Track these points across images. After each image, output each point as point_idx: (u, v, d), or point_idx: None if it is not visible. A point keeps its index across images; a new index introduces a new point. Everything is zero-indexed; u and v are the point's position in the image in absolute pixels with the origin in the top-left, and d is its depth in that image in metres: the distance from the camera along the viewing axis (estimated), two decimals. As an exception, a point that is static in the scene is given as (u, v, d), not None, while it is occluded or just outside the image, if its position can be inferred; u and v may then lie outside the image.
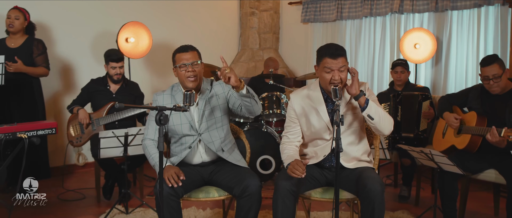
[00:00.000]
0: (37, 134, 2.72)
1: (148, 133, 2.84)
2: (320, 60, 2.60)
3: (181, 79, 2.78)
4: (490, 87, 3.17)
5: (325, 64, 2.55)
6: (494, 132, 2.92)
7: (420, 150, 3.04)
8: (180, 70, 2.74)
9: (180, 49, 2.80)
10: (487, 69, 3.13)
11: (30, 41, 4.19)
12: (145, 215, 3.58)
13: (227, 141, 2.89)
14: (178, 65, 2.74)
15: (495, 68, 3.10)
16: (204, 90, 2.83)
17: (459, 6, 4.76)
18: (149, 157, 2.79)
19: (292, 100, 2.77)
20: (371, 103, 2.52)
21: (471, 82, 4.75)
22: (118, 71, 4.02)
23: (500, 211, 3.65)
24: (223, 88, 2.84)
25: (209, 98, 2.81)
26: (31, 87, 4.19)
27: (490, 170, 3.20)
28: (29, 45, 4.16)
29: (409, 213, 3.65)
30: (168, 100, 2.83)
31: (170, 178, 2.54)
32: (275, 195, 2.52)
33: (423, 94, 3.95)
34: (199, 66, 2.77)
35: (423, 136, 3.95)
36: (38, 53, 4.19)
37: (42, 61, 4.21)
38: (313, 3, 6.17)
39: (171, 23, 5.91)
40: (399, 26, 5.36)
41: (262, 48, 6.76)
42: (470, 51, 4.78)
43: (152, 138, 2.82)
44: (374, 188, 2.43)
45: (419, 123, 3.95)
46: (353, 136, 2.71)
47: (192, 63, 2.72)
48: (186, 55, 2.74)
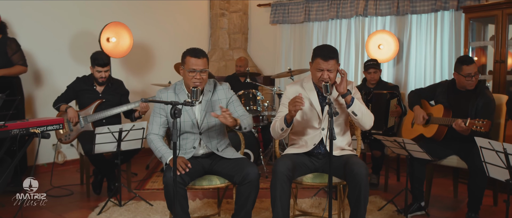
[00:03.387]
0: (47, 129, 2.83)
1: (152, 128, 3.01)
2: (313, 59, 2.91)
3: (186, 81, 2.94)
4: (471, 83, 3.56)
5: (317, 64, 2.87)
6: (458, 123, 3.33)
7: (393, 140, 3.41)
8: (188, 73, 2.89)
9: (193, 53, 2.90)
10: (470, 67, 3.55)
11: (3, 41, 4.20)
12: (138, 207, 3.75)
13: (222, 142, 3.12)
14: (187, 69, 2.89)
15: (475, 67, 3.54)
16: (206, 91, 3.02)
17: (418, 10, 5.24)
18: (155, 150, 2.97)
19: (288, 89, 3.07)
20: (355, 101, 2.87)
21: (429, 79, 5.24)
22: (103, 75, 4.14)
23: (459, 194, 4.12)
24: (226, 95, 3.07)
25: (212, 101, 3.02)
26: (12, 87, 4.21)
27: (452, 156, 3.63)
28: (3, 45, 4.18)
29: (381, 198, 4.03)
30: (172, 98, 2.99)
31: (179, 167, 2.76)
32: (273, 181, 2.79)
33: (390, 93, 4.33)
34: (206, 73, 2.93)
35: (392, 133, 4.33)
36: (12, 52, 4.21)
37: (18, 59, 4.24)
38: (282, 5, 6.50)
39: (146, 23, 6.05)
40: (363, 28, 5.79)
41: (232, 48, 7.01)
42: (428, 51, 5.28)
43: (156, 133, 3.00)
44: (360, 171, 2.76)
45: (387, 120, 4.34)
46: (338, 129, 3.04)
47: (202, 70, 2.89)
48: (197, 61, 2.87)
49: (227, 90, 3.08)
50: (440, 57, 5.16)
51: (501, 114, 3.64)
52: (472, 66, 3.53)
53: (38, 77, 5.03)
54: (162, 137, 3.04)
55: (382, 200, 3.95)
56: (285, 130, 2.91)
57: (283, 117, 2.88)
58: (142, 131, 3.70)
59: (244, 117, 3.02)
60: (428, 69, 5.28)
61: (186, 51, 2.95)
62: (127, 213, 3.60)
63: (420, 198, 3.63)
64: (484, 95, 3.51)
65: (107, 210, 3.65)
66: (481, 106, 3.47)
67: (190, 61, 2.88)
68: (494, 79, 4.37)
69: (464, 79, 3.56)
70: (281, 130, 2.91)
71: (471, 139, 3.34)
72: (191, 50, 2.93)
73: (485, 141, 2.72)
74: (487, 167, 2.82)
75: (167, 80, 5.45)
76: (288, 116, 2.83)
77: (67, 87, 4.25)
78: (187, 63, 2.90)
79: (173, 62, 5.66)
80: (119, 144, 3.66)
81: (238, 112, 3.08)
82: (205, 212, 3.63)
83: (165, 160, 2.88)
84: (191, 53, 2.90)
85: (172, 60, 6.07)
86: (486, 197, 3.45)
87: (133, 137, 3.70)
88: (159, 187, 4.42)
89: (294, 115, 2.81)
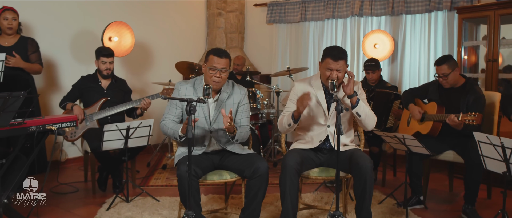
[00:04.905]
0: (61, 126, 2.91)
1: (167, 116, 3.11)
2: (324, 58, 3.05)
3: (206, 77, 3.05)
4: (441, 82, 3.76)
5: (326, 63, 3.01)
6: (451, 118, 3.48)
7: (393, 135, 3.55)
8: (209, 71, 3.00)
9: (217, 52, 3.02)
10: (437, 68, 3.75)
11: (23, 39, 4.32)
12: (145, 202, 3.84)
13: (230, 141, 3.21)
14: (209, 67, 3.00)
15: (443, 68, 3.70)
16: (223, 92, 3.13)
17: (412, 11, 5.40)
18: (167, 130, 3.03)
19: (296, 86, 3.20)
20: (361, 103, 3.02)
21: (423, 78, 5.41)
22: (108, 66, 4.24)
23: (454, 188, 4.28)
24: (240, 98, 3.18)
25: (227, 103, 3.12)
26: (27, 84, 4.28)
27: (449, 151, 3.78)
28: (24, 43, 4.29)
29: (380, 192, 4.17)
30: (190, 91, 3.10)
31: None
32: (282, 174, 2.90)
33: (395, 93, 4.47)
34: (227, 73, 3.04)
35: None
36: (32, 50, 4.33)
37: (36, 58, 4.36)
38: (278, 5, 6.61)
39: (145, 22, 6.12)
40: (359, 28, 5.93)
41: (228, 47, 7.11)
42: (422, 50, 5.44)
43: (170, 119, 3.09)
44: (365, 165, 2.89)
45: (387, 120, 4.48)
46: (342, 126, 3.16)
47: (222, 69, 3.00)
48: (219, 60, 2.98)
49: (243, 96, 3.20)
50: (434, 56, 5.32)
51: (495, 111, 3.80)
52: (439, 67, 3.71)
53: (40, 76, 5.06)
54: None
55: (382, 194, 4.09)
56: (291, 125, 3.04)
57: (291, 114, 3.00)
58: (148, 129, 3.79)
59: (243, 129, 3.11)
60: (422, 68, 5.44)
61: (210, 50, 3.07)
62: (136, 208, 3.68)
63: (419, 191, 3.78)
64: (474, 91, 3.66)
65: (115, 206, 3.73)
66: (472, 101, 3.63)
67: (213, 59, 2.99)
68: (487, 77, 4.53)
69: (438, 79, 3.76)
70: (288, 125, 3.05)
71: (465, 133, 3.51)
72: (215, 50, 3.05)
73: (483, 135, 2.86)
74: (484, 160, 2.96)
75: (167, 78, 5.52)
76: (296, 113, 2.96)
77: (72, 86, 4.32)
78: (209, 61, 3.01)
79: (171, 61, 5.75)
80: (126, 141, 3.75)
81: (242, 121, 3.19)
82: (212, 206, 3.73)
83: (177, 133, 2.96)
84: (215, 52, 3.02)
85: (170, 58, 6.17)
86: (481, 191, 3.60)
87: (140, 134, 3.78)
88: (162, 184, 4.51)
89: (301, 112, 2.94)
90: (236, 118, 3.18)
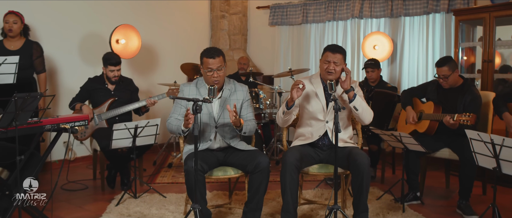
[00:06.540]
0: (74, 125, 3.07)
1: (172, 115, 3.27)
2: (323, 53, 3.24)
3: (206, 78, 3.22)
4: (441, 83, 3.90)
5: (325, 56, 3.20)
6: (447, 119, 3.63)
7: (390, 133, 3.70)
8: (206, 73, 3.16)
9: (208, 54, 3.14)
10: (438, 69, 3.87)
11: (29, 43, 4.45)
12: (152, 199, 4.00)
13: (235, 138, 3.38)
14: (205, 69, 3.15)
15: (444, 70, 3.84)
16: (226, 89, 3.29)
17: (411, 13, 5.55)
18: (172, 127, 3.18)
19: None
20: (357, 97, 3.17)
21: (421, 78, 5.55)
22: (116, 74, 4.38)
23: (450, 185, 4.42)
24: (243, 95, 3.34)
25: (230, 100, 3.28)
26: (30, 85, 4.43)
27: (444, 149, 3.92)
28: (29, 48, 4.43)
29: (379, 189, 4.32)
30: (194, 91, 3.27)
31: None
32: (283, 170, 3.05)
33: (398, 95, 4.59)
34: (223, 70, 3.19)
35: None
36: (37, 55, 4.48)
37: (39, 63, 4.51)
38: (280, 7, 6.77)
39: (150, 24, 6.29)
40: (359, 30, 6.08)
41: (232, 48, 7.27)
42: (421, 51, 5.58)
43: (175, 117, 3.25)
44: (363, 161, 3.04)
45: (390, 121, 4.62)
46: (341, 123, 3.32)
47: (218, 68, 3.15)
48: (213, 61, 3.12)
49: (246, 92, 3.36)
50: (432, 56, 5.46)
51: (489, 110, 3.95)
52: (439, 68, 3.84)
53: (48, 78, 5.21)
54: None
55: (380, 191, 4.23)
56: (285, 113, 3.20)
57: (285, 101, 3.19)
58: (156, 128, 3.95)
59: (249, 122, 3.27)
60: (421, 68, 5.58)
61: (202, 52, 3.21)
62: (144, 204, 3.84)
63: (415, 188, 3.93)
64: (471, 92, 3.80)
65: (124, 202, 3.89)
66: (469, 101, 3.77)
67: (208, 62, 3.14)
68: (483, 77, 4.67)
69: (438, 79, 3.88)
70: (282, 113, 3.22)
71: (460, 132, 3.64)
72: (206, 51, 3.19)
73: (475, 133, 3.00)
74: (476, 156, 3.10)
75: (172, 79, 5.68)
76: (289, 100, 3.13)
77: (80, 88, 4.47)
78: (204, 63, 3.17)
79: (176, 62, 5.91)
80: (134, 140, 3.91)
81: (247, 115, 3.35)
82: (216, 202, 3.88)
83: (181, 127, 3.10)
84: (206, 54, 3.16)
85: (175, 60, 6.33)
86: (475, 187, 3.74)
87: (148, 133, 3.94)
88: (169, 181, 4.67)
89: (294, 99, 3.10)
90: (242, 113, 3.33)
